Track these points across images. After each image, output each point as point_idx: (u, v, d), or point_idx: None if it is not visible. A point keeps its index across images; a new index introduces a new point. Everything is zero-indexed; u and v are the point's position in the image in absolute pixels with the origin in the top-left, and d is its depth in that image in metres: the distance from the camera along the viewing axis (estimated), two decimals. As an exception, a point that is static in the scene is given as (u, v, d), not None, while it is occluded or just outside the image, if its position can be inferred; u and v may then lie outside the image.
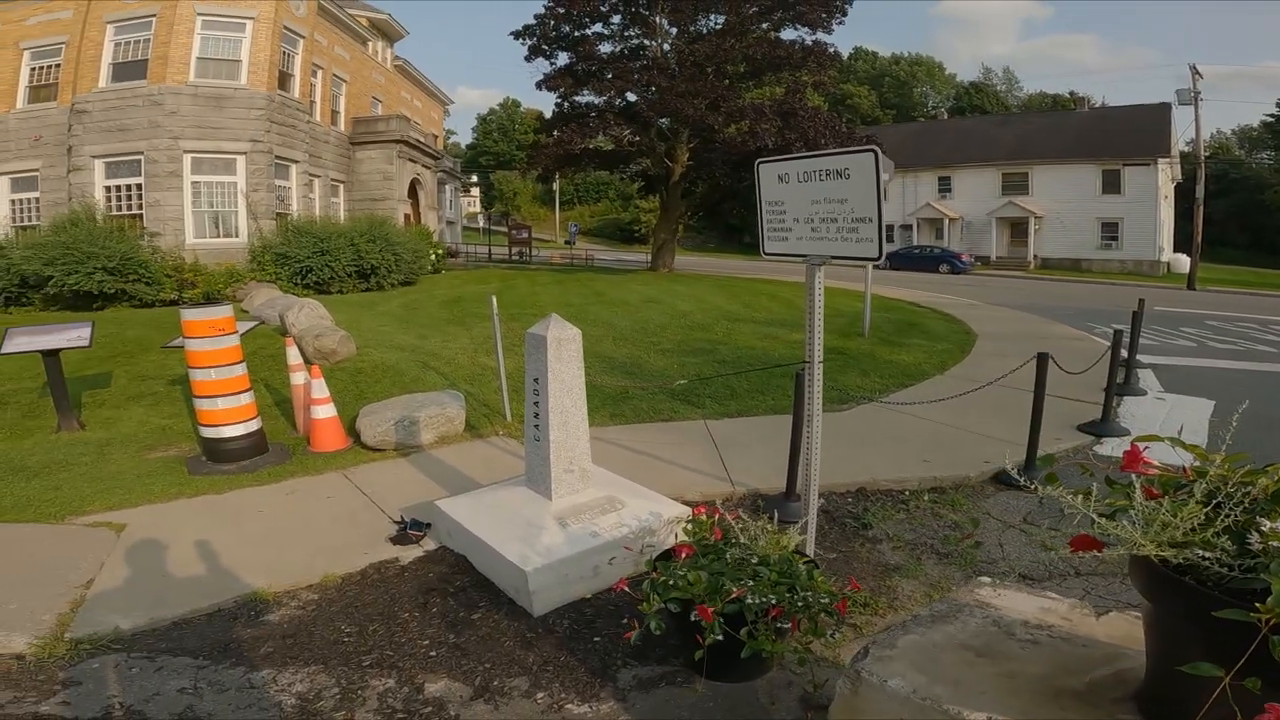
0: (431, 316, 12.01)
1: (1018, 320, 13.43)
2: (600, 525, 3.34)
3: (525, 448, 3.61)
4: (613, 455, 5.15)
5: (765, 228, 3.20)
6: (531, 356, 3.40)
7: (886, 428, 6.04)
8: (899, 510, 4.45)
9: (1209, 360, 10.08)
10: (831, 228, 2.85)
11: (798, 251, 3.09)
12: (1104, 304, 18.55)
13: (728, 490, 4.57)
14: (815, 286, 3.04)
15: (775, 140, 19.60)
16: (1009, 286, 24.12)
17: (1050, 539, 4.07)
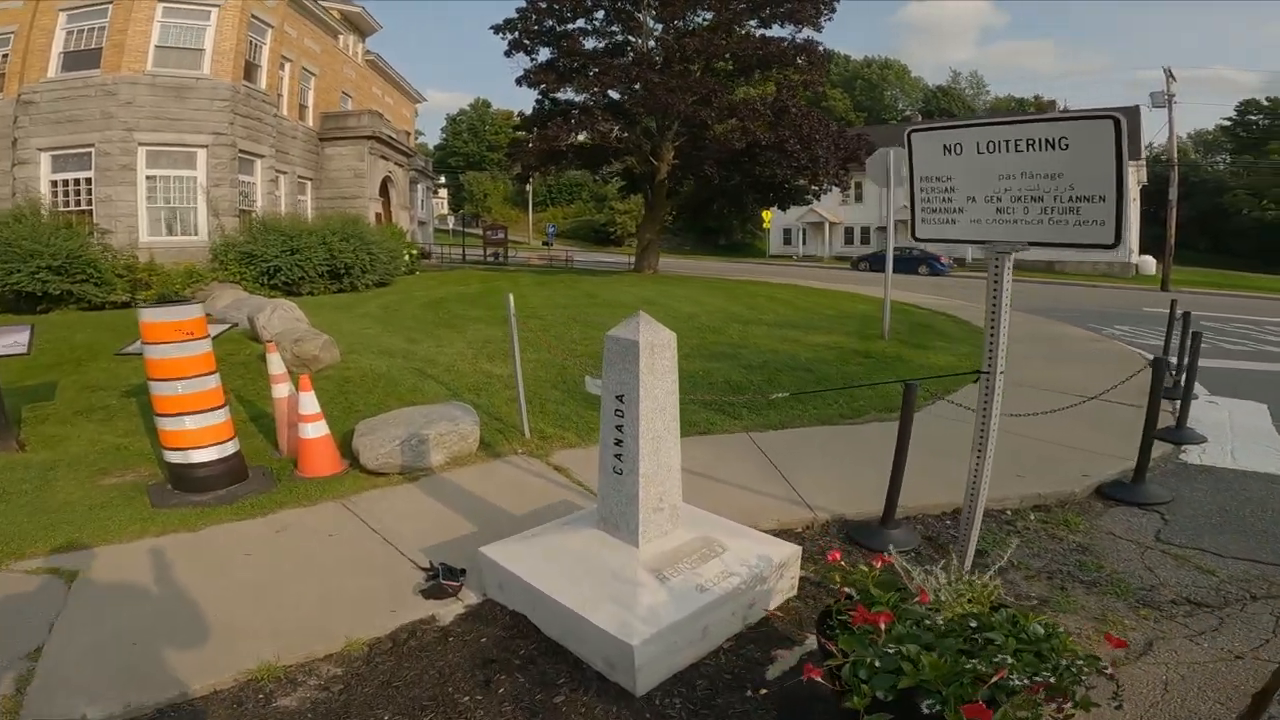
0: (417, 319, 11.15)
1: (1024, 322, 13.07)
2: (705, 576, 2.65)
3: (601, 480, 2.90)
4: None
5: (919, 208, 2.63)
6: (614, 367, 2.71)
7: (952, 438, 5.44)
8: (1008, 533, 3.84)
9: (1229, 361, 9.79)
10: (1034, 208, 2.30)
11: (974, 237, 2.51)
12: (1092, 304, 18.51)
13: (806, 517, 3.91)
14: (1004, 279, 2.49)
15: (768, 138, 19.11)
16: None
17: (1206, 561, 3.50)
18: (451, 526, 3.78)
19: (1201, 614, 3.00)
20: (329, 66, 23.81)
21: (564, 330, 9.73)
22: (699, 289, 17.11)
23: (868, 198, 43.34)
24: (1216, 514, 4.08)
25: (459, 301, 13.53)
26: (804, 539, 3.74)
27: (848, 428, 5.64)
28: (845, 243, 45.22)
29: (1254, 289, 29.06)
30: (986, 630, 1.90)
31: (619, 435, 2.73)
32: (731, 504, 3.98)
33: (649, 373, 2.63)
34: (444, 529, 3.75)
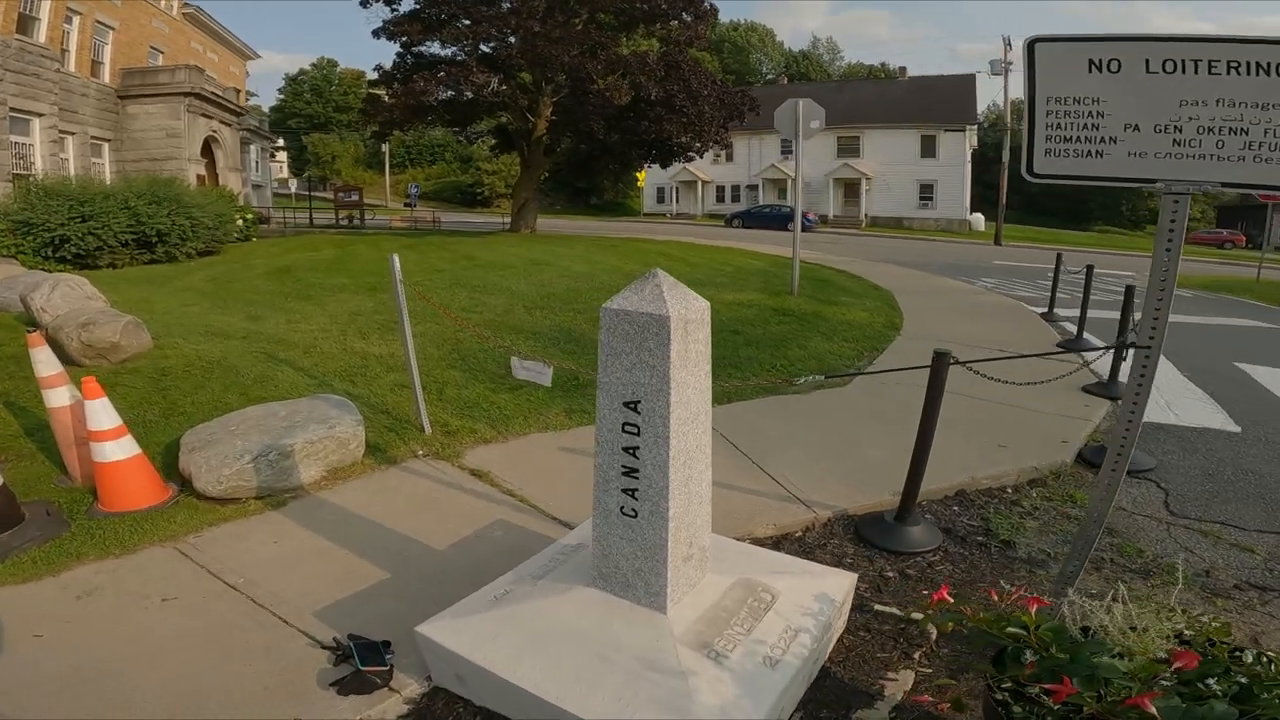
0: (259, 290, 9.28)
1: (907, 276, 13.40)
2: (768, 641, 1.85)
3: (596, 524, 1.99)
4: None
5: (1043, 138, 2.03)
6: (620, 358, 1.80)
7: (909, 407, 5.01)
8: (1019, 515, 3.38)
9: (1097, 312, 10.34)
10: (1232, 143, 1.83)
11: (1135, 174, 1.95)
12: (945, 259, 19.62)
13: (804, 516, 3.20)
14: (1180, 227, 1.91)
15: (657, 93, 18.24)
16: (860, 244, 25.07)
17: (1235, 536, 3.20)
18: (351, 574, 2.69)
19: (1273, 598, 2.65)
20: (132, 19, 21.18)
21: (447, 296, 8.42)
22: (586, 247, 16.08)
23: (738, 157, 43.91)
24: (1205, 479, 3.90)
25: (312, 269, 11.59)
26: (807, 543, 3.05)
27: (796, 399, 5.04)
28: (717, 200, 45.76)
29: (1069, 243, 32.71)
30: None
31: (631, 462, 1.84)
32: (714, 507, 3.21)
33: (681, 365, 1.76)
34: (341, 578, 2.65)
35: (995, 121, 45.69)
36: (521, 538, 2.92)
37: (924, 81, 43.76)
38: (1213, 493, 3.70)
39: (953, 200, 40.13)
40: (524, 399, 4.65)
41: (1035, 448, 4.12)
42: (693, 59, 20.83)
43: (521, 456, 3.82)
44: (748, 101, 20.02)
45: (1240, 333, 9.16)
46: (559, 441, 4.05)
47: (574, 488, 3.40)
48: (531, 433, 4.18)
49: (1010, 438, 4.25)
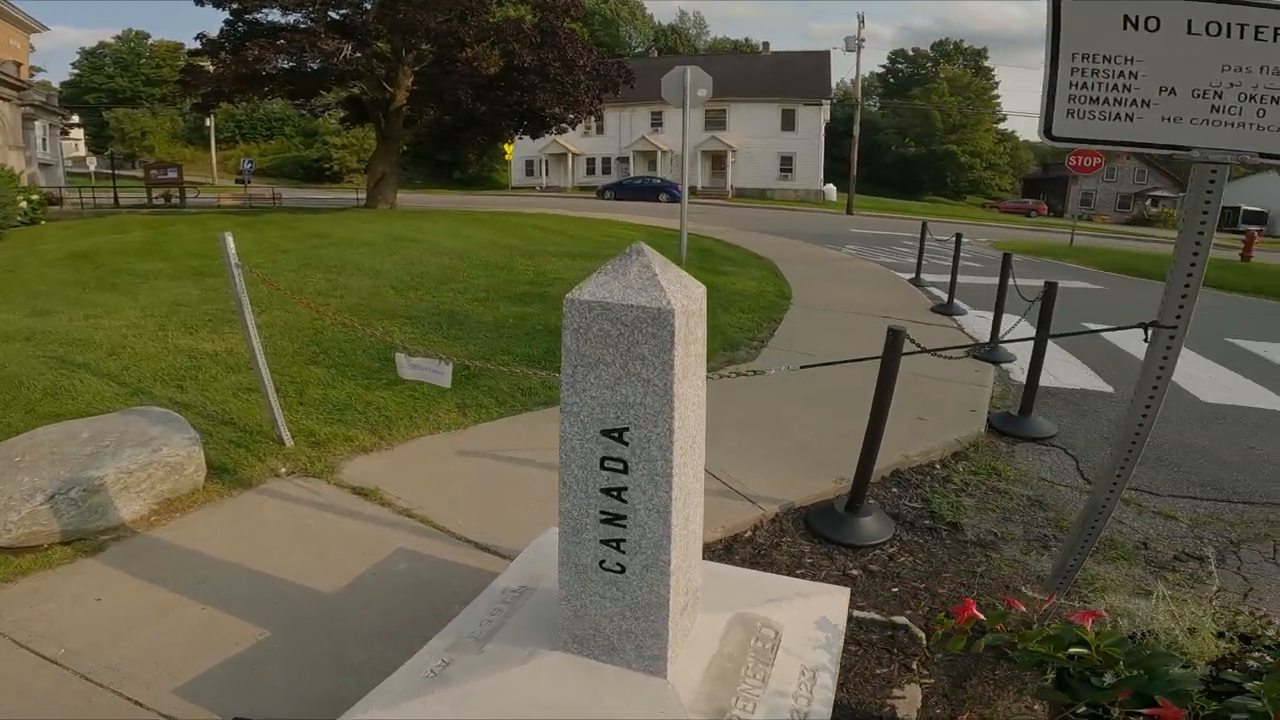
0: (48, 280, 7.61)
1: (781, 245, 13.70)
2: (786, 690, 1.50)
3: (563, 577, 1.52)
4: (528, 485, 3.09)
5: (1067, 97, 1.84)
6: (597, 369, 1.37)
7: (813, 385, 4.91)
8: (954, 492, 3.30)
9: (942, 275, 11.02)
10: (1274, 112, 1.74)
11: (1169, 140, 1.82)
12: (806, 227, 20.50)
13: (752, 514, 2.90)
14: (1217, 199, 1.77)
15: (531, 61, 17.23)
16: (729, 214, 25.59)
17: (1154, 503, 3.30)
18: (214, 634, 2.03)
19: (1214, 569, 2.71)
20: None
21: (298, 279, 7.32)
22: (454, 222, 14.96)
23: (609, 129, 43.35)
24: (1104, 444, 4.06)
25: (119, 253, 9.77)
26: (759, 544, 2.75)
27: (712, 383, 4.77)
28: (587, 173, 45.05)
29: (912, 212, 35.56)
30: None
31: (615, 507, 1.41)
32: None
33: (683, 376, 1.36)
34: (202, 641, 2.00)
35: (844, 97, 48.41)
36: (432, 571, 2.37)
37: (784, 57, 45.37)
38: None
39: (809, 172, 42.27)
40: (407, 396, 3.99)
41: (951, 419, 4.12)
42: (569, 28, 19.98)
43: (413, 466, 3.21)
44: (623, 73, 19.56)
45: (1075, 294, 10.11)
46: (456, 444, 3.47)
47: (484, 500, 2.88)
48: (421, 435, 3.56)
49: (926, 410, 4.22)
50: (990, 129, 54.75)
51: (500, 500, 2.88)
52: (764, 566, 2.62)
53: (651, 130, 42.49)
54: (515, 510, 2.79)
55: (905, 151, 53.74)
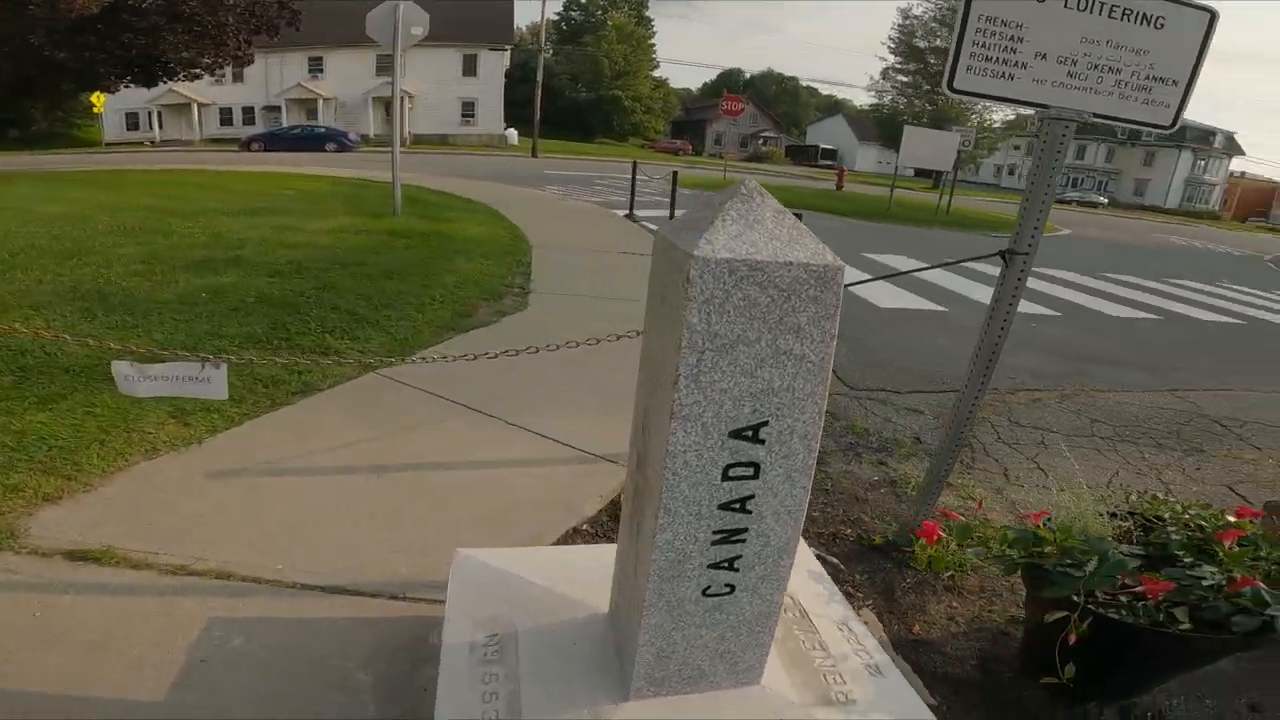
0: None
1: (487, 189, 13.16)
2: (844, 651, 1.42)
3: (649, 620, 1.18)
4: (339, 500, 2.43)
5: (968, 54, 2.05)
6: (736, 350, 1.05)
7: (612, 315, 4.84)
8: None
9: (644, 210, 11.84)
10: (1108, 80, 2.11)
11: (1035, 98, 2.10)
12: (507, 170, 20.25)
13: (621, 475, 2.68)
14: (1065, 149, 2.12)
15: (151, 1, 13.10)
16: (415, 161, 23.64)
17: (905, 401, 3.90)
18: None
19: (979, 455, 3.34)
20: None
21: None
22: (44, 185, 11.05)
23: (251, 76, 36.13)
24: (851, 353, 4.70)
25: None
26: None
27: (489, 331, 4.34)
28: (222, 124, 37.49)
29: (589, 154, 37.37)
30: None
31: (735, 522, 1.14)
32: (514, 496, 2.45)
33: (823, 363, 1.09)
34: None
35: (521, 42, 47.91)
36: (285, 635, 1.69)
37: (467, 2, 42.79)
38: (862, 364, 4.54)
39: (491, 117, 41.61)
40: (82, 413, 2.81)
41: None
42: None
43: (146, 505, 2.26)
44: (286, 13, 16.14)
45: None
46: (196, 465, 2.54)
47: (290, 532, 2.16)
48: (135, 463, 2.52)
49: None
50: (648, 76, 59.67)
51: (314, 527, 2.19)
52: None
53: (310, 76, 37.25)
54: (345, 535, 2.15)
55: (578, 96, 55.83)
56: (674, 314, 1.02)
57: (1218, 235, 31.71)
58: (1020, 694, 1.76)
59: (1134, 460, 3.58)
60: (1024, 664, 1.84)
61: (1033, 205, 2.13)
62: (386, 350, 3.76)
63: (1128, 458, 3.60)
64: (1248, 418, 4.44)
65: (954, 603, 2.16)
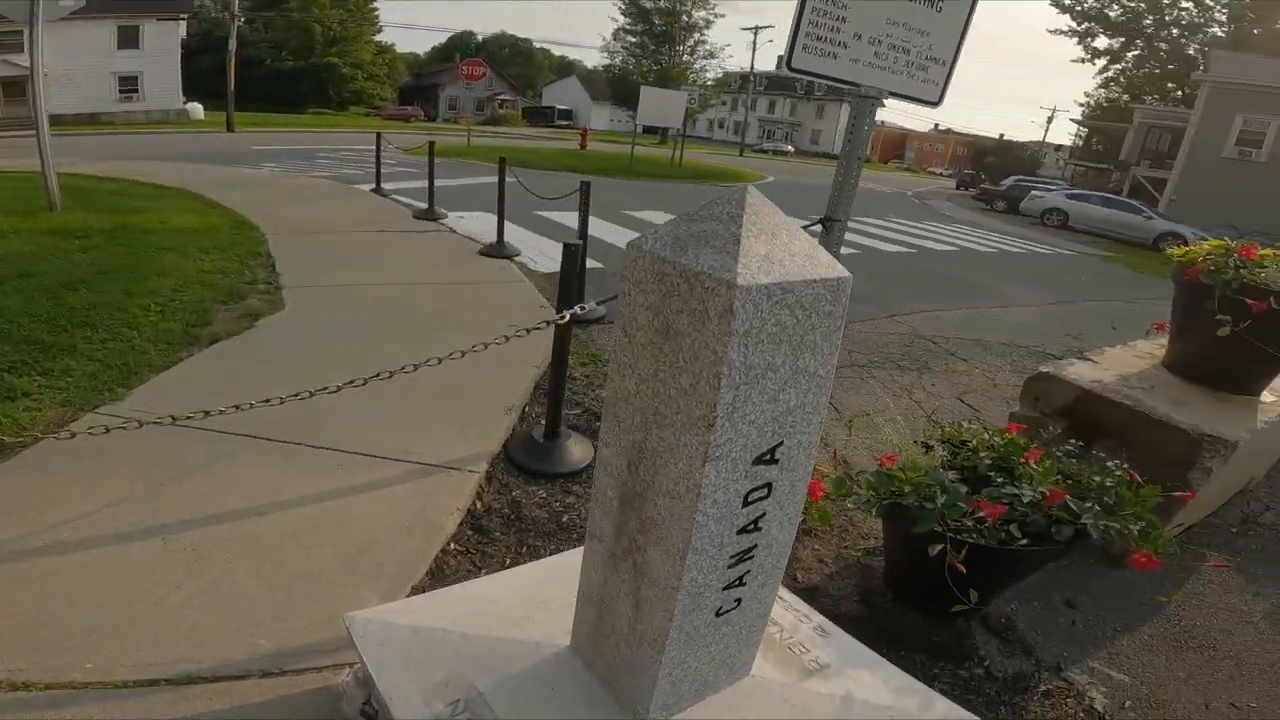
0: None
1: (185, 170, 10.84)
2: (791, 623, 1.45)
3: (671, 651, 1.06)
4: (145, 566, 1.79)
5: (805, 32, 2.12)
6: (765, 378, 0.95)
7: (375, 298, 4.28)
8: (587, 388, 3.40)
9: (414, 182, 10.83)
10: (900, 60, 2.28)
11: (849, 77, 2.23)
12: (206, 149, 17.08)
13: (466, 481, 2.37)
14: (871, 124, 2.32)
15: None
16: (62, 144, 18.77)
17: None
18: None
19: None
20: None
21: None
22: None
23: None
24: None
25: None
26: (498, 510, 2.34)
27: (245, 342, 3.57)
28: None
29: (307, 125, 33.09)
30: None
31: (748, 541, 1.08)
32: (354, 532, 2.02)
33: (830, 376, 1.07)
34: None
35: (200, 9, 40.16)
36: None
37: None
38: None
39: (165, 91, 35.17)
40: None
41: (520, 315, 4.18)
42: None
43: None
44: None
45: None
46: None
47: (76, 616, 1.53)
48: None
49: (503, 313, 4.16)
50: (370, 41, 54.49)
51: (112, 614, 1.60)
52: (529, 525, 2.25)
53: None
54: (159, 616, 1.61)
55: (282, 65, 49.07)
56: (696, 348, 0.89)
57: (872, 175, 38.73)
58: (901, 621, 1.94)
59: (888, 384, 4.17)
60: (896, 594, 2.03)
61: (845, 178, 2.30)
62: (99, 383, 2.88)
63: (884, 382, 4.19)
64: (949, 334, 5.46)
65: (816, 545, 2.31)
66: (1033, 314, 6.86)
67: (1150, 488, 1.90)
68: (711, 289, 0.86)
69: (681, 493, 0.97)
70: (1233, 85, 21.94)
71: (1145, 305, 8.25)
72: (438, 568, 1.98)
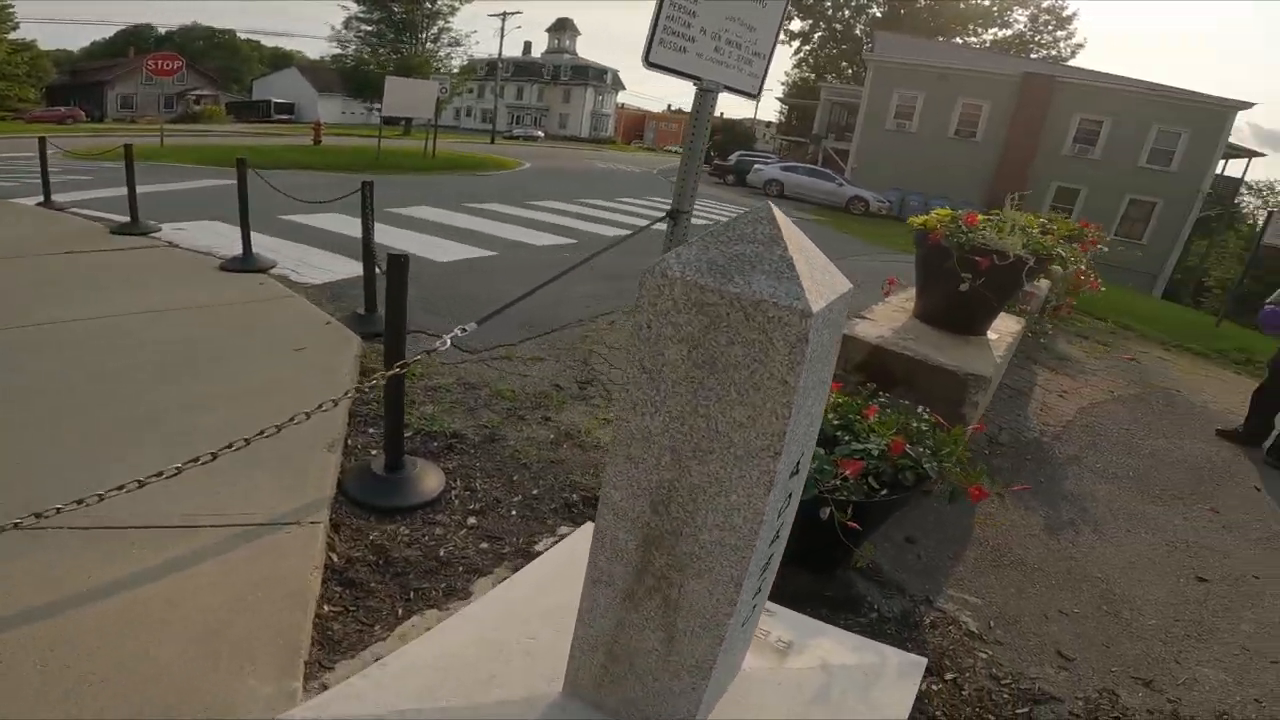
0: None
1: None
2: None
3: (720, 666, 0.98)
4: None
5: (661, 28, 2.14)
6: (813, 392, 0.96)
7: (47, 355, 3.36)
8: (421, 403, 3.07)
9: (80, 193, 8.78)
10: (734, 54, 2.37)
11: (694, 71, 2.27)
12: None
13: (299, 538, 1.95)
14: (705, 117, 2.34)
15: None
16: None
17: (523, 351, 3.85)
18: None
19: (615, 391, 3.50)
20: None
21: None
22: None
23: None
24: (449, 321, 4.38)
25: None
26: (358, 560, 2.00)
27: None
28: None
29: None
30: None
31: (769, 576, 1.18)
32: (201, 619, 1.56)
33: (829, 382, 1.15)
34: None
35: None
36: None
37: None
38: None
39: None
40: None
41: (305, 335, 3.63)
42: None
43: None
44: None
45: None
46: None
47: None
48: None
49: (283, 335, 3.56)
50: (3, 40, 42.67)
51: None
52: (405, 567, 1.96)
53: None
54: None
55: None
56: (756, 380, 0.86)
57: (619, 156, 40.69)
58: (798, 583, 2.08)
59: None
60: (786, 559, 2.15)
61: (688, 170, 2.32)
62: None
63: None
64: None
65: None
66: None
67: (958, 427, 2.25)
68: (778, 318, 0.83)
69: (738, 524, 0.95)
70: (891, 64, 26.86)
71: (866, 262, 9.82)
72: (322, 636, 1.68)
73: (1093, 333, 7.68)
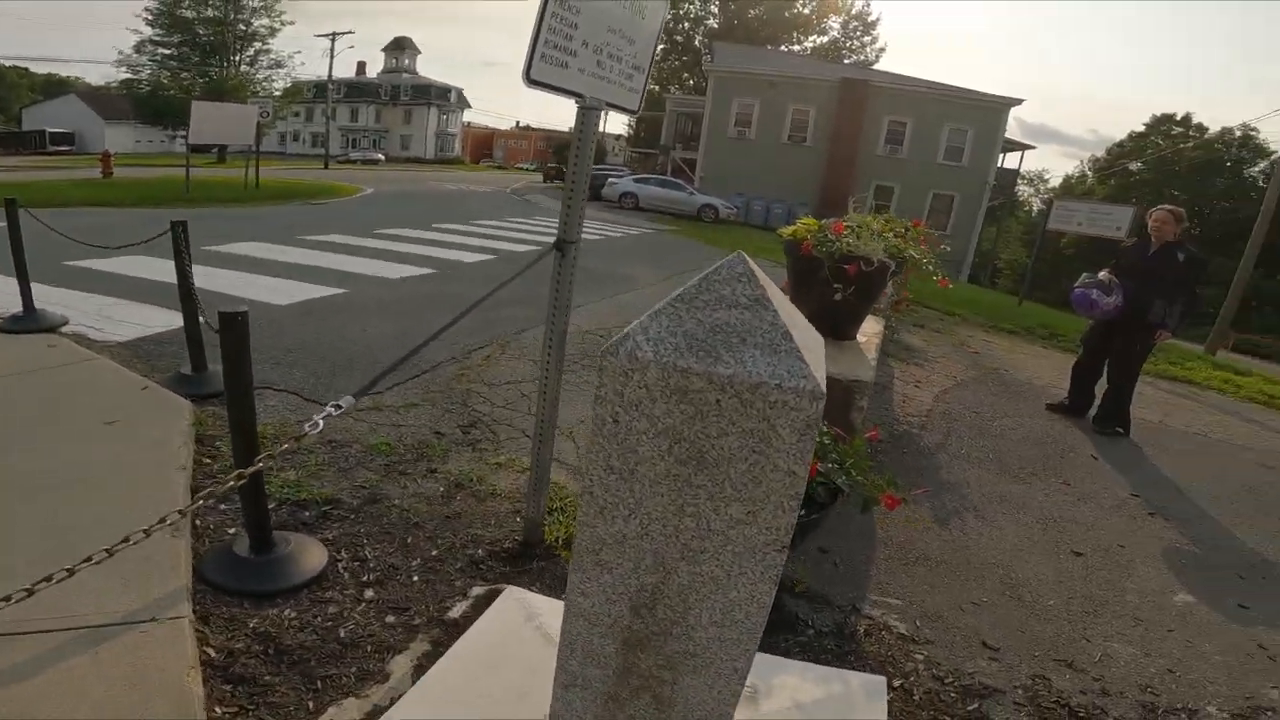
0: None
1: None
2: None
3: None
4: None
5: (542, 41, 1.88)
6: None
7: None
8: (289, 469, 2.60)
9: None
10: (615, 69, 2.20)
11: (575, 88, 2.05)
12: None
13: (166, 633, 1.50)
14: (590, 137, 2.08)
15: None
16: None
17: (393, 399, 3.47)
18: None
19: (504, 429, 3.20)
20: None
21: None
22: None
23: None
24: (297, 375, 3.86)
25: None
26: (240, 653, 1.61)
27: None
28: None
29: None
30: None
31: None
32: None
33: None
34: None
35: None
36: None
37: None
38: (322, 375, 3.88)
39: None
40: None
41: (120, 404, 3.02)
42: None
43: None
44: None
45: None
46: None
47: None
48: None
49: (93, 406, 2.92)
50: None
51: None
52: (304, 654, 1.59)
53: None
54: None
55: None
56: (756, 473, 0.75)
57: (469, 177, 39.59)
58: None
59: (586, 388, 4.27)
60: None
61: (575, 198, 2.12)
62: None
63: (587, 385, 4.27)
64: (608, 326, 5.84)
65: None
66: (663, 292, 7.84)
67: (857, 438, 2.26)
68: (782, 402, 0.69)
69: (739, 619, 0.84)
70: (729, 74, 28.35)
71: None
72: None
73: (926, 321, 8.45)
